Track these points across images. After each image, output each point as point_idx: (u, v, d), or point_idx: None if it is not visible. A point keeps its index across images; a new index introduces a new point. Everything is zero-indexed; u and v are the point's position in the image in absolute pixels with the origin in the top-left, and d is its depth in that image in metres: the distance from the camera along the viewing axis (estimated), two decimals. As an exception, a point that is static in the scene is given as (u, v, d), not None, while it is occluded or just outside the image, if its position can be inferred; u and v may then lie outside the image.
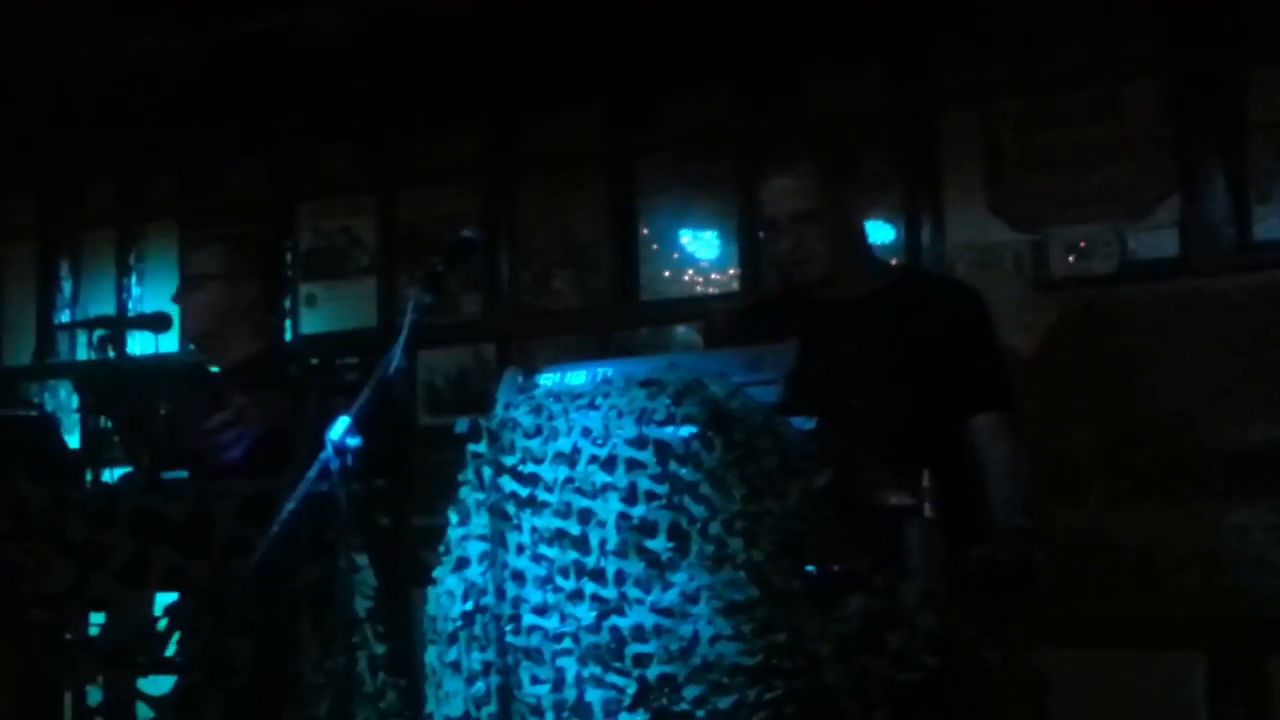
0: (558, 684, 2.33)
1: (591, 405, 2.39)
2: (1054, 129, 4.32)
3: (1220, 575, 4.02)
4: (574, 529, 2.34)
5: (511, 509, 2.44)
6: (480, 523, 2.49)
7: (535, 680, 2.36)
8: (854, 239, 3.39)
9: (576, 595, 2.32)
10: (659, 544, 2.26)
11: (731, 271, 4.81)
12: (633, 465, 2.30)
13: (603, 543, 2.30)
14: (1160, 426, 4.12)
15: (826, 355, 3.27)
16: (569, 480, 2.37)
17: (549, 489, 2.39)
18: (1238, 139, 4.11)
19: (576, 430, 2.38)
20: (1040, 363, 3.90)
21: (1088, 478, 4.17)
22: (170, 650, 3.31)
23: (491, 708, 2.42)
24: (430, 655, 2.57)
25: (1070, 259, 4.27)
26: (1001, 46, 4.40)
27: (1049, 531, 3.95)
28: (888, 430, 3.16)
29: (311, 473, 2.55)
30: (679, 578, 2.24)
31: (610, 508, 2.30)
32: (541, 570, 2.38)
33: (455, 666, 2.50)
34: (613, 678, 2.26)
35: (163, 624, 3.32)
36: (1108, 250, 4.21)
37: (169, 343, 4.61)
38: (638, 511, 2.28)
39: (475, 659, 2.46)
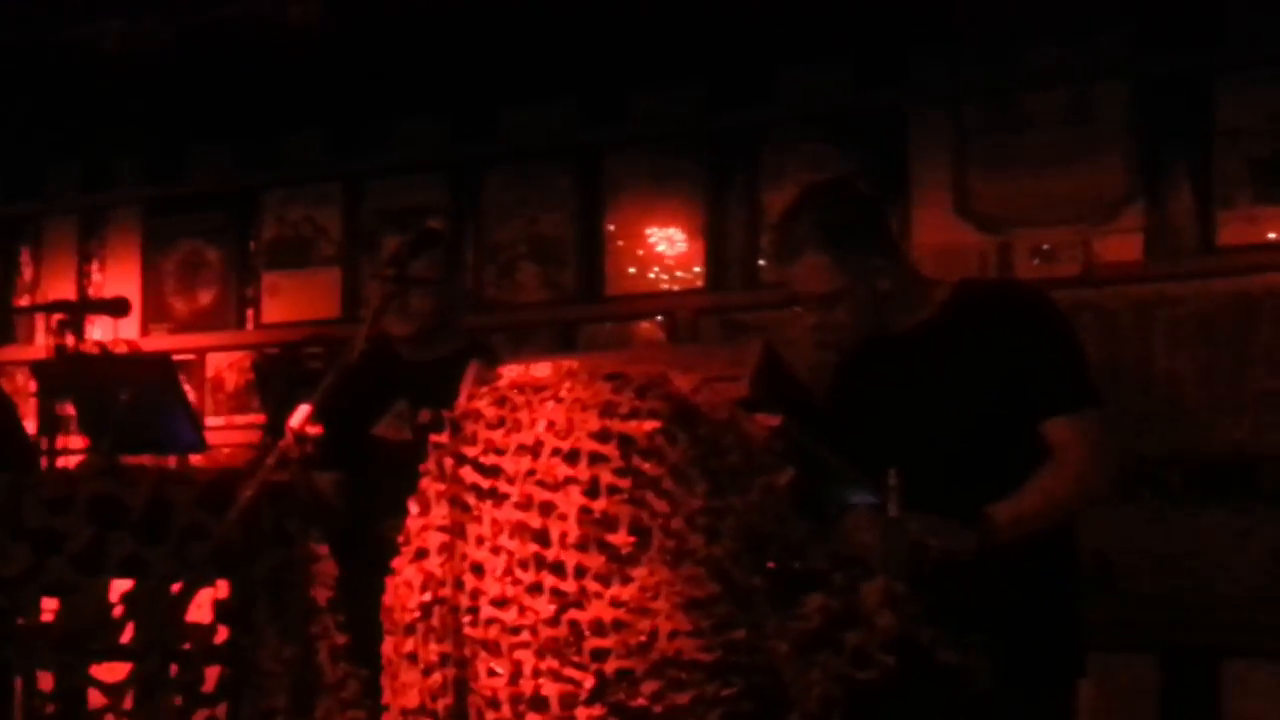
0: (514, 677, 2.32)
1: (555, 397, 2.38)
2: (1021, 131, 4.34)
3: (1178, 579, 4.04)
4: (534, 521, 2.33)
5: (472, 500, 2.43)
6: (440, 514, 2.48)
7: (492, 673, 2.35)
8: (882, 300, 3.19)
9: (535, 588, 2.31)
10: (620, 538, 2.25)
11: (697, 269, 4.81)
12: (595, 459, 2.29)
13: (563, 536, 2.29)
14: (1122, 429, 4.13)
15: (893, 402, 3.05)
16: (531, 472, 2.36)
17: (510, 481, 2.38)
18: (1204, 144, 4.12)
19: (540, 422, 2.37)
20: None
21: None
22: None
23: (447, 700, 2.41)
24: (387, 646, 2.56)
25: (1035, 261, 4.28)
26: (971, 48, 4.41)
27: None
28: (977, 465, 2.93)
29: (271, 461, 2.54)
30: (639, 572, 2.23)
31: (572, 501, 2.30)
32: (501, 562, 2.37)
33: (412, 658, 2.49)
34: (570, 671, 2.25)
35: (119, 610, 3.30)
36: (1072, 253, 4.22)
37: (129, 328, 4.59)
38: (599, 505, 2.27)
39: (432, 650, 2.45)
